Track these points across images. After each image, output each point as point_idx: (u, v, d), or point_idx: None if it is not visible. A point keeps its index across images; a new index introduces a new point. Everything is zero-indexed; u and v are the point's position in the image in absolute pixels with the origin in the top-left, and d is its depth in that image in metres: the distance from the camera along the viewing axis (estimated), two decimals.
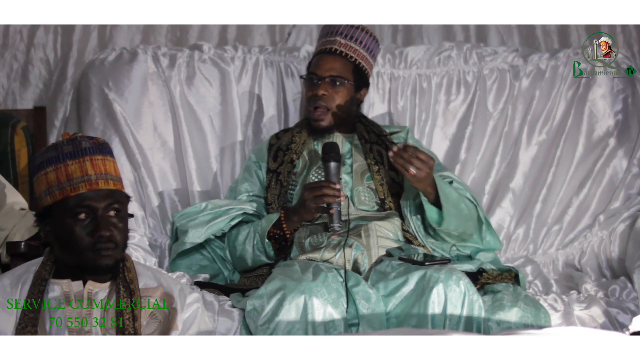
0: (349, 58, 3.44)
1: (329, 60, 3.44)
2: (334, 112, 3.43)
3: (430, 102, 3.89)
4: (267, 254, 3.29)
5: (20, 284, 2.56)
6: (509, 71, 3.90)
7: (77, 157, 2.51)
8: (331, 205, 3.16)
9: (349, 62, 3.44)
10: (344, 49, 3.44)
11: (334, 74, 3.42)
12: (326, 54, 3.45)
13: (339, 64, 3.43)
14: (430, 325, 2.87)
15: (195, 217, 3.41)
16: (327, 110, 3.42)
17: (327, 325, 2.89)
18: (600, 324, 3.14)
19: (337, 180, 3.21)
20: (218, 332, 3.01)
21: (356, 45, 3.45)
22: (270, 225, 3.27)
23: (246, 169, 3.55)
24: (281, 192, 3.42)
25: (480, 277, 3.14)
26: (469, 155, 3.84)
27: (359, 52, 3.45)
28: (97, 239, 2.48)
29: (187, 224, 3.39)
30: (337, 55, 3.44)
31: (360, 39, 3.46)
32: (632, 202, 3.65)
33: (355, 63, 3.45)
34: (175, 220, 3.47)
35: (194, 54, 3.84)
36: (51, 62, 4.16)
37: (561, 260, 3.69)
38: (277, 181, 3.44)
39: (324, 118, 3.43)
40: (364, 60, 3.47)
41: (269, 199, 3.44)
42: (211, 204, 3.45)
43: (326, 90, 3.41)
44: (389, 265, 3.08)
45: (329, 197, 3.16)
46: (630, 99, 3.79)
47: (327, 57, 3.45)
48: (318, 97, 3.41)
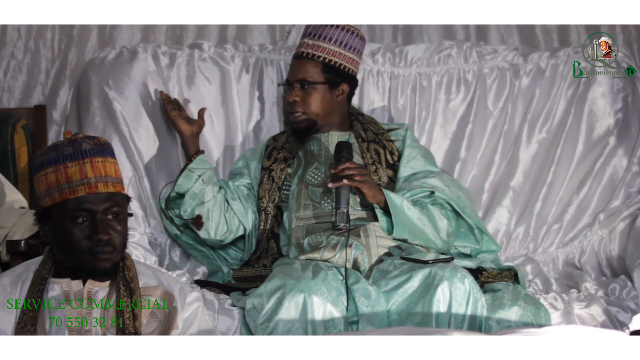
0: (315, 59, 3.45)
1: (297, 65, 3.49)
2: (311, 114, 3.46)
3: (430, 101, 3.89)
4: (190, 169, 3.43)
5: (20, 283, 2.56)
6: (509, 70, 3.89)
7: (76, 159, 2.51)
8: (340, 206, 3.18)
9: (316, 62, 3.45)
10: (310, 50, 3.46)
11: (300, 78, 3.46)
12: (295, 59, 3.51)
13: (307, 67, 3.46)
14: (434, 324, 2.87)
15: None
16: (303, 114, 3.45)
17: (326, 323, 2.89)
18: (600, 322, 3.14)
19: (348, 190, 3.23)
20: (218, 331, 3.02)
21: (324, 43, 3.45)
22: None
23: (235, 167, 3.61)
24: (272, 187, 3.46)
25: (480, 275, 3.14)
26: (469, 154, 3.84)
27: (328, 49, 3.45)
28: (95, 243, 2.48)
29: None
30: (303, 58, 3.47)
31: (330, 36, 3.46)
32: (632, 201, 3.65)
33: (325, 62, 3.45)
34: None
35: (194, 53, 3.84)
36: (51, 61, 4.15)
37: (561, 258, 3.69)
38: (269, 177, 3.48)
39: (301, 120, 3.47)
40: (337, 56, 3.46)
41: (260, 193, 3.49)
42: None
43: (297, 95, 3.46)
44: (391, 264, 3.08)
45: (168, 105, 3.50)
46: (631, 97, 3.78)
47: (295, 62, 3.50)
48: (292, 103, 3.46)
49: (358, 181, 3.19)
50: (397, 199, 3.22)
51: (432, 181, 3.38)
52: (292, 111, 3.48)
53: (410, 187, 3.35)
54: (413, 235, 3.24)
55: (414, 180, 3.41)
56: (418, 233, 3.24)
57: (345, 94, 3.52)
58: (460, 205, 3.36)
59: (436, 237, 3.27)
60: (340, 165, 3.22)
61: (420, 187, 3.34)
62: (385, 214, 3.24)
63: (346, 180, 3.18)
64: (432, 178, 3.40)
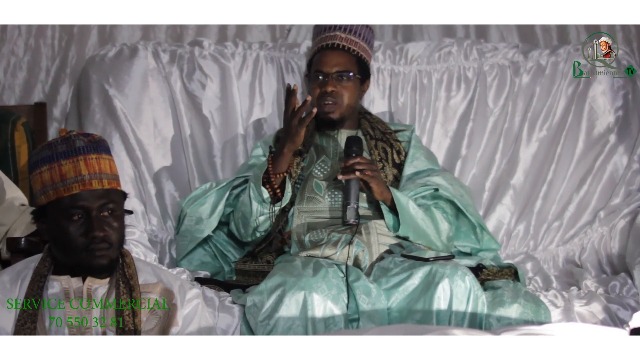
0: (351, 52, 3.42)
1: (334, 56, 3.41)
2: (344, 106, 3.41)
3: (430, 99, 3.88)
4: (263, 200, 3.25)
5: (20, 281, 2.55)
6: (510, 67, 3.89)
7: (70, 156, 2.50)
8: (349, 202, 3.18)
9: (352, 55, 3.42)
10: (346, 43, 3.42)
11: (340, 69, 3.40)
12: (329, 49, 3.43)
13: (344, 59, 3.41)
14: (435, 321, 2.87)
15: (203, 201, 3.42)
16: (335, 104, 3.41)
17: (327, 321, 2.89)
18: (600, 320, 3.14)
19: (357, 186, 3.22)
20: (218, 328, 3.01)
21: (356, 38, 3.44)
22: (262, 172, 3.25)
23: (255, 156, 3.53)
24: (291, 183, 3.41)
25: (481, 273, 3.15)
26: (469, 152, 3.84)
27: (359, 44, 3.44)
28: (91, 240, 2.48)
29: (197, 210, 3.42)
30: (340, 50, 3.42)
31: (359, 32, 3.45)
32: (633, 199, 3.65)
33: (358, 56, 3.44)
34: (184, 207, 3.47)
35: (194, 50, 3.84)
36: (51, 58, 4.15)
37: (561, 256, 3.69)
38: (287, 173, 3.42)
39: (334, 110, 3.41)
40: (365, 52, 3.46)
41: None
42: (215, 182, 3.48)
43: (334, 86, 3.38)
44: (392, 261, 3.08)
45: (303, 108, 3.18)
46: (631, 95, 3.79)
47: (331, 53, 3.42)
48: (327, 93, 3.39)
49: (368, 176, 3.19)
50: (403, 198, 3.22)
51: (436, 179, 3.39)
52: (326, 102, 3.39)
53: (414, 185, 3.35)
54: (416, 235, 3.24)
55: (417, 179, 3.41)
56: (421, 233, 3.25)
57: (365, 91, 3.52)
58: (463, 204, 3.36)
59: (437, 239, 3.28)
60: (351, 159, 3.22)
61: (424, 186, 3.34)
62: (391, 211, 3.24)
63: (358, 173, 3.18)
64: (436, 176, 3.41)
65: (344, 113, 3.42)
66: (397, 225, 3.23)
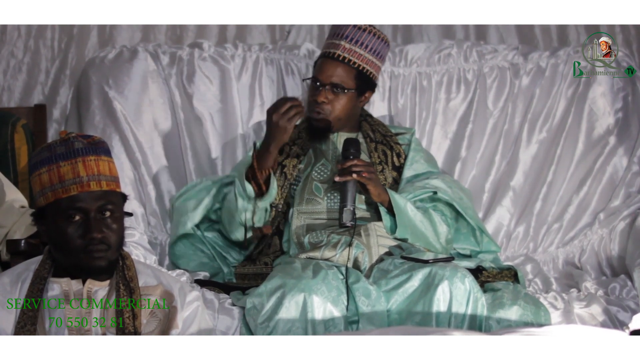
0: (351, 64, 3.39)
1: (332, 67, 3.38)
2: (333, 117, 3.39)
3: (430, 101, 3.89)
4: (247, 195, 3.26)
5: (20, 283, 2.55)
6: (509, 69, 3.89)
7: (69, 158, 2.50)
8: (346, 204, 3.19)
9: (351, 68, 3.39)
10: (347, 55, 3.38)
11: (334, 82, 3.37)
12: (329, 58, 3.40)
13: (341, 71, 3.38)
14: (434, 323, 2.87)
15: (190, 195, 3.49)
16: (323, 115, 3.40)
17: (327, 323, 2.89)
18: (600, 322, 3.14)
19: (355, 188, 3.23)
20: (218, 330, 3.02)
21: (361, 49, 3.39)
22: (246, 167, 3.27)
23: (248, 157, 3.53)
24: (285, 184, 3.41)
25: (480, 275, 3.15)
26: (469, 154, 3.84)
27: (363, 56, 3.40)
28: (89, 241, 2.48)
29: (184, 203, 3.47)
30: (339, 61, 3.39)
31: (367, 43, 3.40)
32: (632, 200, 3.65)
33: (359, 69, 3.39)
34: (174, 202, 3.53)
35: (194, 52, 3.84)
36: (51, 60, 4.15)
37: (561, 258, 3.69)
38: (282, 173, 3.41)
39: (320, 119, 3.40)
40: (369, 64, 3.41)
41: None
42: (206, 178, 3.54)
43: (326, 97, 3.37)
44: (391, 263, 3.08)
45: (297, 107, 3.21)
46: (631, 97, 3.79)
47: (330, 63, 3.39)
48: (317, 103, 3.39)
49: (365, 178, 3.19)
50: (401, 200, 3.22)
51: (435, 182, 3.38)
52: (316, 110, 3.39)
53: (413, 188, 3.35)
54: (415, 237, 3.24)
55: (416, 181, 3.41)
56: (419, 235, 3.25)
57: (367, 100, 3.51)
58: (462, 206, 3.36)
59: (436, 241, 3.28)
60: (349, 161, 3.22)
61: (423, 188, 3.34)
62: (389, 213, 3.25)
63: (355, 175, 3.18)
64: (435, 179, 3.40)
65: (332, 123, 3.40)
66: (395, 227, 3.23)
